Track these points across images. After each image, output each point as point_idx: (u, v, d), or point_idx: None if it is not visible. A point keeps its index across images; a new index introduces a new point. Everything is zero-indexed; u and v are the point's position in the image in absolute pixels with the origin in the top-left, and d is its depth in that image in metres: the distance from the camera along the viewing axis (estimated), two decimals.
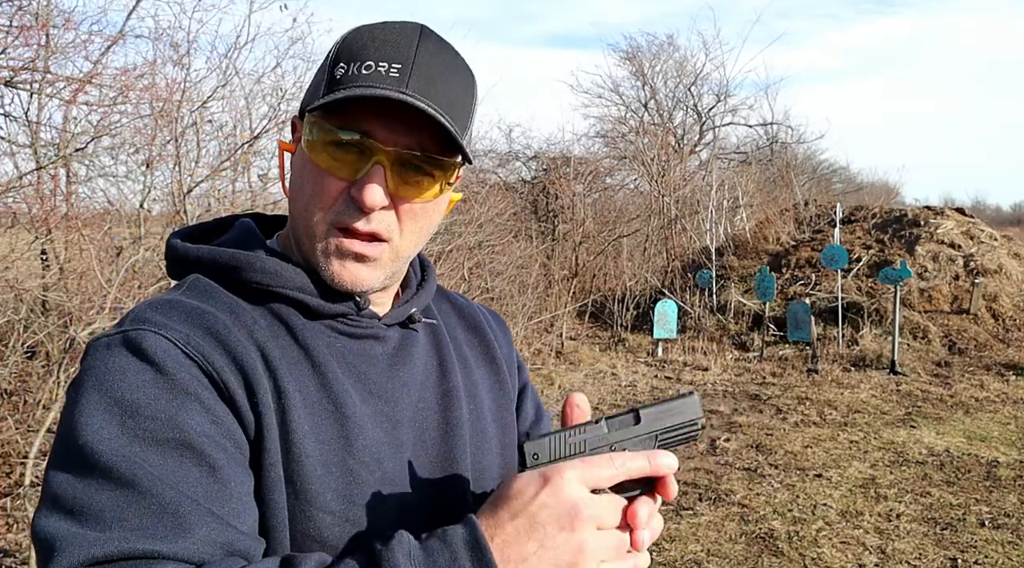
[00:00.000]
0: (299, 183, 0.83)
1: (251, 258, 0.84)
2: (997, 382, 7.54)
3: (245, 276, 0.83)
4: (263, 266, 0.83)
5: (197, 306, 0.79)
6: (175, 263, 0.89)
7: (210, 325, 0.77)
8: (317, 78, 0.83)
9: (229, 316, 0.80)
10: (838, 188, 20.29)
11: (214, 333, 0.76)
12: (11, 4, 4.91)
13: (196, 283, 0.83)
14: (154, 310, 0.77)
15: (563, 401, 0.84)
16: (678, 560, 3.77)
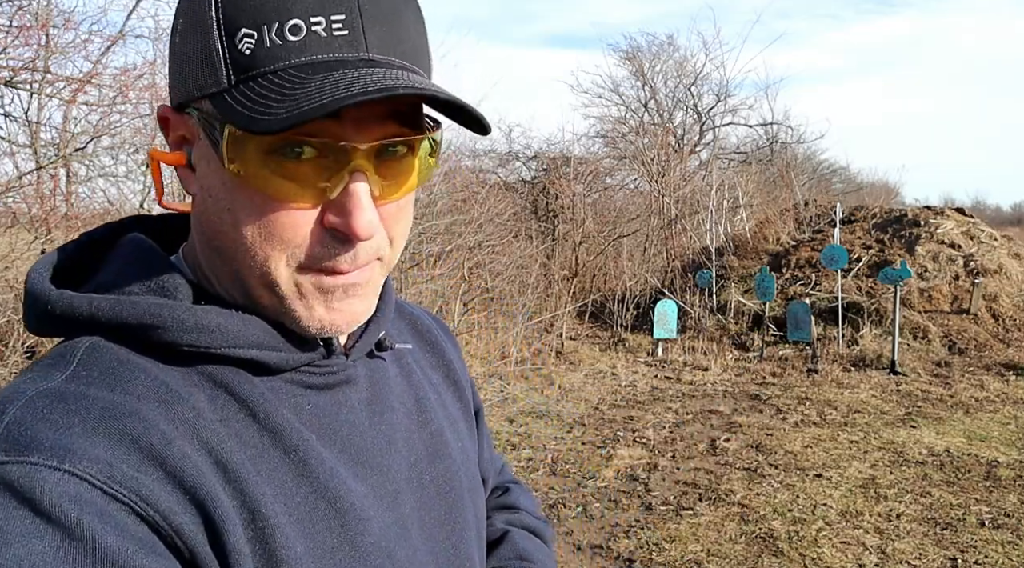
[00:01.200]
0: (230, 216, 0.55)
1: (178, 312, 0.55)
2: (997, 382, 7.54)
3: (170, 337, 0.55)
4: (198, 321, 0.56)
5: (111, 402, 0.50)
6: (50, 320, 0.57)
7: (138, 435, 0.49)
8: (200, 56, 0.53)
9: (160, 411, 0.52)
10: (838, 188, 20.29)
11: (146, 449, 0.49)
12: (11, 4, 4.91)
13: (95, 354, 0.54)
14: (43, 420, 0.48)
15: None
16: (678, 560, 3.77)
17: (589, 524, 4.22)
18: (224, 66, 0.52)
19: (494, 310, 8.55)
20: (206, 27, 0.52)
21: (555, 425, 6.09)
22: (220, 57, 0.52)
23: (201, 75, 0.53)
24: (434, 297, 7.49)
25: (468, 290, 7.83)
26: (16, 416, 0.48)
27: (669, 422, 6.24)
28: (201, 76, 0.53)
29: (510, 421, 6.14)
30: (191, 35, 0.54)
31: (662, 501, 4.53)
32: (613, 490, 4.72)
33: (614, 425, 6.15)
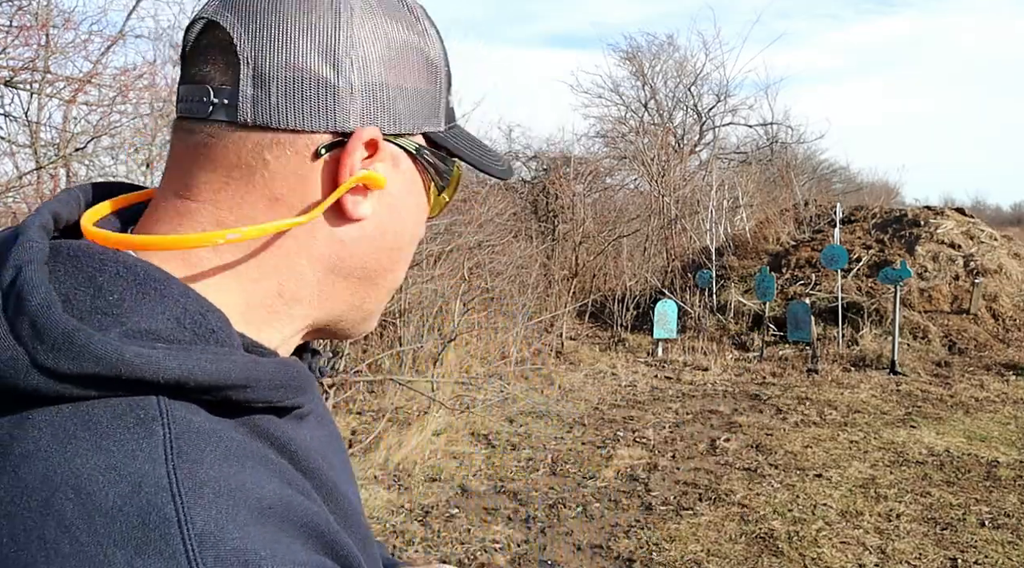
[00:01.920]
0: (393, 238, 0.59)
1: (254, 368, 0.50)
2: (997, 382, 7.54)
3: (252, 396, 0.49)
4: (274, 378, 0.51)
5: (271, 484, 0.47)
6: (97, 381, 0.44)
7: (311, 517, 0.47)
8: (427, 96, 0.58)
9: (284, 480, 0.49)
10: (838, 188, 20.28)
11: (321, 534, 0.47)
12: (11, 4, 4.92)
13: (184, 419, 0.46)
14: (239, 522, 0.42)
15: None
16: (678, 560, 3.77)
17: (589, 524, 4.22)
18: (443, 111, 0.59)
19: (494, 310, 8.55)
20: (437, 74, 0.58)
21: (555, 425, 6.09)
22: (442, 102, 0.59)
23: (424, 114, 0.58)
24: (434, 297, 7.49)
25: (468, 290, 7.83)
26: (199, 523, 0.41)
27: (669, 422, 6.24)
28: (424, 114, 0.58)
29: (510, 421, 6.14)
30: (423, 79, 0.57)
31: (662, 501, 4.53)
32: (613, 490, 4.72)
33: (614, 425, 6.15)
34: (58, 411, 0.45)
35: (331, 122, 0.53)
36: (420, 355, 7.19)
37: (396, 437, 5.21)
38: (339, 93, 0.53)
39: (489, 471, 5.01)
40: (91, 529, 0.40)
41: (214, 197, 0.53)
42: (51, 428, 0.44)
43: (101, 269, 0.49)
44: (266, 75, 0.52)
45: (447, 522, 4.20)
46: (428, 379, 6.63)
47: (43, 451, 0.43)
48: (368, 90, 0.54)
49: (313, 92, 0.52)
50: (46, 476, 0.42)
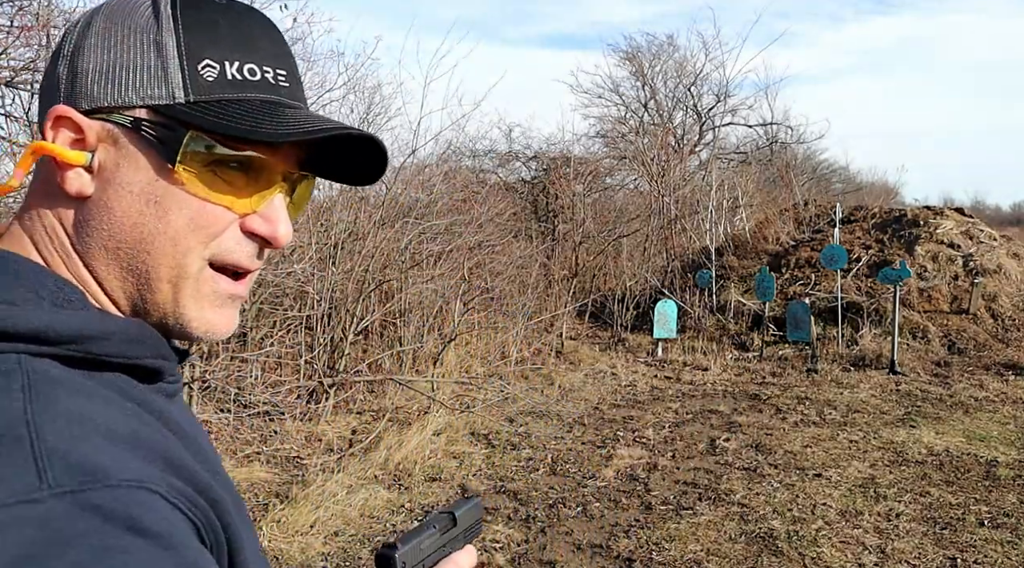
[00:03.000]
0: (156, 209, 0.60)
1: (108, 323, 0.58)
2: (996, 382, 7.55)
3: (94, 348, 0.56)
4: (126, 332, 0.59)
5: (114, 417, 0.53)
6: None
7: (154, 444, 0.53)
8: (144, 69, 0.60)
9: (138, 419, 0.56)
10: (838, 188, 20.30)
11: (171, 461, 0.53)
12: (12, 4, 4.92)
13: (41, 369, 0.53)
14: (80, 441, 0.48)
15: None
16: (678, 560, 3.78)
17: (589, 524, 4.23)
18: (182, 84, 0.60)
19: (494, 310, 8.55)
20: (160, 46, 0.60)
21: (555, 425, 6.10)
22: (178, 76, 0.60)
23: (144, 86, 0.60)
24: (434, 297, 7.50)
25: (468, 290, 7.83)
26: (50, 441, 0.48)
27: (669, 422, 6.25)
28: (144, 87, 0.60)
29: (510, 421, 6.15)
30: (130, 48, 0.61)
31: (662, 501, 4.54)
32: (613, 490, 4.73)
33: (614, 425, 6.15)
34: None
35: (48, 112, 0.61)
36: (420, 355, 7.20)
37: (396, 437, 5.22)
38: (56, 83, 0.62)
39: (489, 471, 5.02)
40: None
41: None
42: None
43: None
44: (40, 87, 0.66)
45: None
46: (428, 379, 6.64)
47: None
48: (70, 77, 0.61)
49: (45, 89, 0.63)
50: None
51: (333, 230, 6.45)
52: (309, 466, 4.82)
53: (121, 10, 0.62)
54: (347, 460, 4.93)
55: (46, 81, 0.63)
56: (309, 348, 6.11)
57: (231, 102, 0.60)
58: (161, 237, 0.60)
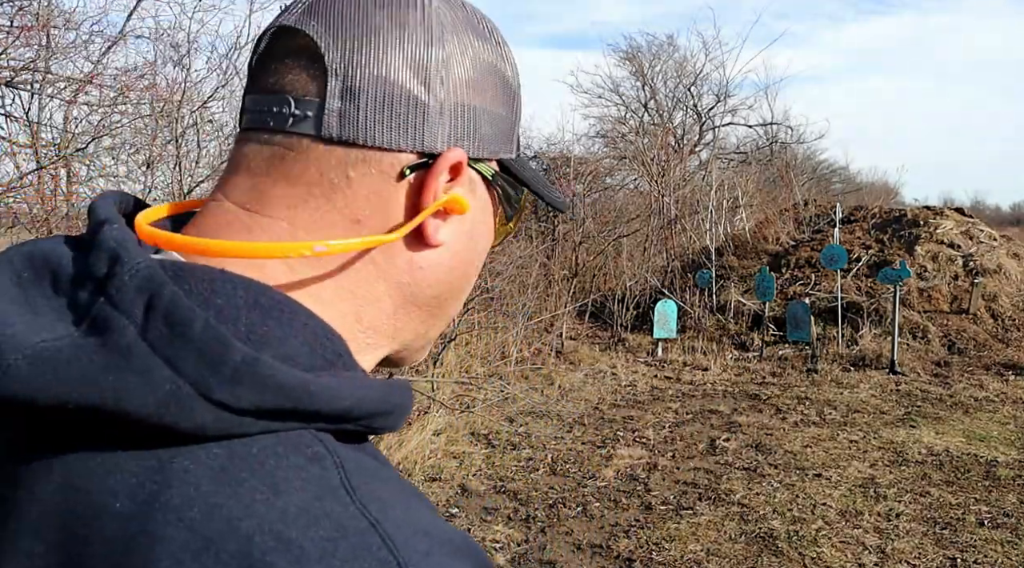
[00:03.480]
0: (466, 266, 0.57)
1: (394, 395, 0.49)
2: (996, 382, 7.55)
3: (376, 424, 0.48)
4: (404, 406, 0.50)
5: (438, 520, 0.46)
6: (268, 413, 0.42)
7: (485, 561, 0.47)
8: (505, 122, 0.56)
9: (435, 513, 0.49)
10: (838, 188, 20.31)
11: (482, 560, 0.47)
12: (12, 4, 4.93)
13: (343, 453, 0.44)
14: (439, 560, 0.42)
15: None
16: (678, 560, 3.78)
17: (589, 524, 4.23)
18: (516, 138, 0.58)
19: (494, 310, 8.56)
20: (514, 99, 0.57)
21: (555, 425, 6.10)
22: (516, 128, 0.57)
23: (500, 140, 0.56)
24: None
25: None
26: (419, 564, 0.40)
27: (669, 422, 6.25)
28: (499, 140, 0.56)
29: (510, 421, 6.15)
30: (502, 104, 0.56)
31: (662, 501, 4.54)
32: (613, 490, 4.73)
33: (614, 425, 6.16)
34: (206, 453, 0.41)
35: (419, 142, 0.50)
36: None
37: (396, 437, 5.22)
38: (429, 112, 0.50)
39: (489, 471, 5.02)
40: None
41: (290, 213, 0.49)
42: (207, 471, 0.40)
43: (213, 289, 0.44)
44: (355, 88, 0.49)
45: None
46: (428, 379, 6.64)
47: (212, 497, 0.39)
48: (456, 111, 0.52)
49: (404, 109, 0.50)
50: (230, 524, 0.38)
51: None
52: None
53: (479, 36, 0.54)
54: None
55: (391, 92, 0.50)
56: None
57: (522, 157, 0.59)
58: (470, 283, 0.58)
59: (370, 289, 0.52)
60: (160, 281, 0.42)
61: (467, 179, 0.54)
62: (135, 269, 0.42)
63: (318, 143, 0.49)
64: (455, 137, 0.52)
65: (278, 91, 0.50)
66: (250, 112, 0.52)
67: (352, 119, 0.49)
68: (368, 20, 0.50)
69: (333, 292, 0.50)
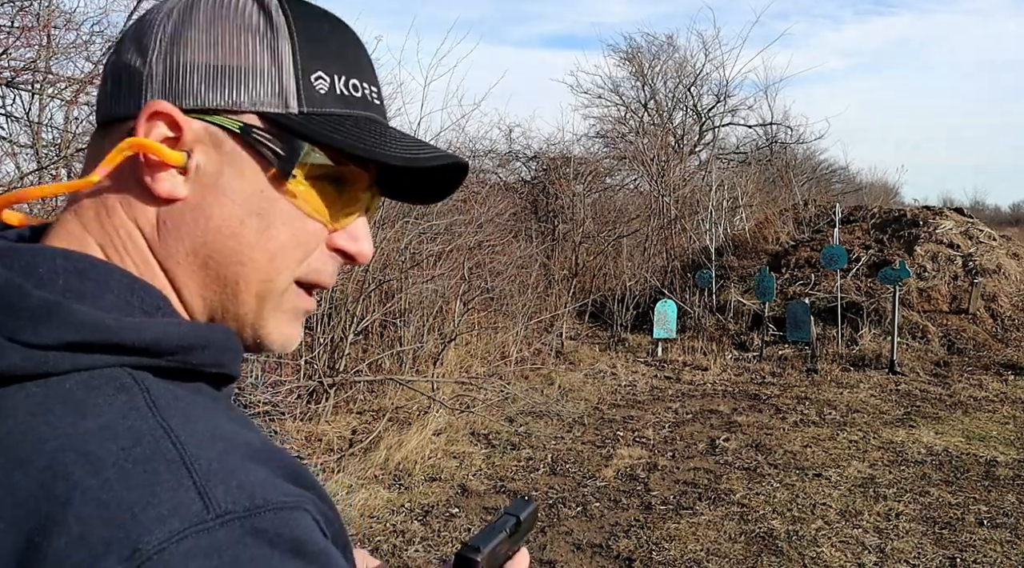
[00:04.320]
0: (257, 221, 0.57)
1: (207, 332, 0.55)
2: (996, 382, 7.56)
3: (193, 359, 0.53)
4: (224, 342, 0.56)
5: (243, 431, 0.52)
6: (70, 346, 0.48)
7: (284, 459, 0.52)
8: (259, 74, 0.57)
9: (252, 431, 0.55)
10: (837, 188, 20.29)
11: (292, 471, 0.51)
12: (13, 5, 4.93)
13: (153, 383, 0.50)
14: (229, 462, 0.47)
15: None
16: (678, 559, 3.78)
17: (589, 524, 4.23)
18: (296, 94, 0.58)
19: (494, 310, 8.56)
20: (275, 52, 0.57)
21: (555, 425, 6.10)
22: (292, 85, 0.58)
23: (257, 92, 0.57)
24: (434, 297, 7.51)
25: (468, 290, 7.84)
26: (203, 463, 0.46)
27: (669, 422, 6.25)
28: (257, 94, 0.57)
29: (510, 421, 6.16)
30: (242, 48, 0.57)
31: (662, 501, 4.54)
32: (613, 490, 4.73)
33: (614, 425, 6.16)
34: (23, 391, 0.48)
35: (137, 106, 0.56)
36: (420, 355, 7.20)
37: (396, 437, 5.22)
38: (143, 78, 0.56)
39: (489, 471, 5.03)
40: (103, 481, 0.43)
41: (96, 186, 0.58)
42: (24, 406, 0.47)
43: (34, 262, 0.52)
44: (106, 76, 0.59)
45: (447, 522, 4.22)
46: (428, 379, 6.64)
47: (23, 426, 0.46)
48: (169, 72, 0.56)
49: (126, 81, 0.57)
50: (37, 446, 0.45)
51: None
52: (309, 466, 4.83)
53: (224, 6, 0.57)
54: (347, 460, 4.93)
55: (120, 70, 0.57)
56: (309, 348, 6.11)
57: (341, 117, 0.59)
58: (260, 251, 0.58)
59: (137, 253, 0.57)
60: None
61: (204, 134, 0.56)
62: None
63: (102, 127, 0.59)
64: (170, 94, 0.56)
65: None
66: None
67: (103, 102, 0.59)
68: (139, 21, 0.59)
69: (115, 254, 0.57)
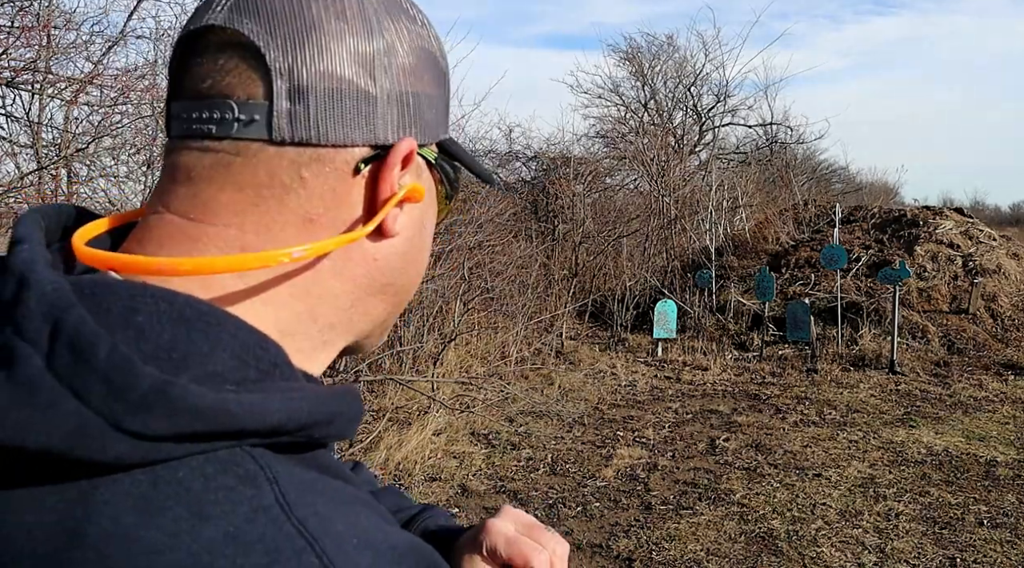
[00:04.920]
0: (418, 251, 0.56)
1: (333, 404, 0.46)
2: (996, 382, 7.56)
3: (316, 433, 0.45)
4: (350, 413, 0.48)
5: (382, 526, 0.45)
6: (182, 436, 0.39)
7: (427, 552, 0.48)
8: (441, 105, 0.55)
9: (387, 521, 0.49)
10: (837, 188, 20.31)
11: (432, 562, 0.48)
12: (13, 5, 4.93)
13: (280, 468, 0.42)
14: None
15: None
16: (678, 559, 3.78)
17: (589, 524, 4.23)
18: (447, 118, 0.56)
19: (494, 310, 8.56)
20: (445, 78, 0.55)
21: (555, 425, 6.10)
22: (449, 108, 0.56)
23: (439, 122, 0.55)
24: (434, 297, 7.51)
25: (468, 290, 7.84)
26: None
27: (669, 422, 6.26)
28: (439, 123, 0.55)
29: (510, 421, 6.16)
30: (437, 85, 0.54)
31: (662, 501, 4.55)
32: (613, 490, 4.73)
33: (614, 425, 6.16)
34: (131, 481, 0.39)
35: (370, 134, 0.50)
36: (420, 355, 7.20)
37: (396, 437, 5.23)
38: (377, 103, 0.50)
39: (489, 471, 5.03)
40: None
41: (238, 219, 0.48)
42: (128, 501, 0.38)
43: (133, 307, 0.41)
44: (303, 87, 0.47)
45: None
46: (428, 379, 6.64)
47: (127, 529, 0.37)
48: (400, 99, 0.51)
49: (352, 103, 0.49)
50: (150, 559, 0.37)
51: None
52: None
53: (411, 20, 0.53)
54: (347, 460, 4.93)
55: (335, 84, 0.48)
56: None
57: (453, 138, 0.59)
58: (423, 267, 0.57)
59: (326, 286, 0.50)
60: (66, 304, 0.39)
61: (415, 166, 0.53)
62: (42, 292, 0.39)
63: (267, 146, 0.47)
64: (403, 126, 0.51)
65: (215, 95, 0.48)
66: (183, 120, 0.49)
67: (302, 119, 0.47)
68: (305, 14, 0.48)
69: (288, 293, 0.49)
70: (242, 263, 0.46)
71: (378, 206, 0.50)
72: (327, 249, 0.49)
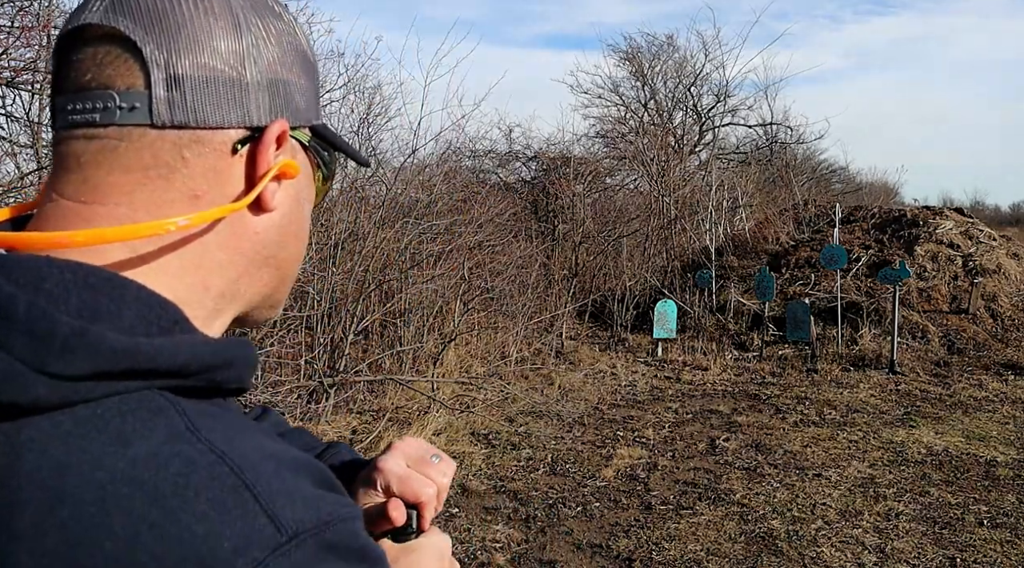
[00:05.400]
0: (299, 230, 0.62)
1: (232, 349, 0.52)
2: (996, 382, 7.56)
3: (218, 376, 0.51)
4: (246, 358, 0.54)
5: (280, 444, 0.51)
6: (100, 374, 0.45)
7: (326, 474, 0.52)
8: (311, 91, 0.61)
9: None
10: (837, 188, 20.29)
11: (329, 478, 0.52)
12: (13, 5, 4.93)
13: (185, 404, 0.48)
14: (284, 480, 0.47)
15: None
16: (678, 559, 3.78)
17: (589, 524, 4.23)
18: (317, 106, 0.62)
19: (494, 310, 8.56)
20: (313, 69, 0.62)
21: (555, 425, 6.10)
22: (319, 97, 0.63)
23: (310, 108, 0.61)
24: (434, 297, 7.50)
25: (468, 290, 7.84)
26: (261, 484, 0.45)
27: (669, 422, 6.25)
28: (309, 109, 0.61)
29: (510, 421, 6.16)
30: (306, 75, 0.61)
31: (662, 501, 4.55)
32: (613, 490, 4.73)
33: (614, 425, 6.16)
34: (48, 421, 0.44)
35: (244, 118, 0.55)
36: (420, 355, 7.20)
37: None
38: (248, 89, 0.55)
39: (489, 471, 5.03)
40: (167, 512, 0.42)
41: (128, 199, 0.52)
42: (54, 436, 0.43)
43: (40, 275, 0.46)
44: (178, 76, 0.52)
45: (447, 522, 4.22)
46: (428, 379, 6.64)
47: (58, 459, 0.42)
48: (270, 86, 0.56)
49: (225, 90, 0.54)
50: (81, 479, 0.42)
51: (333, 230, 6.46)
52: None
53: (275, 16, 0.58)
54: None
55: (207, 73, 0.53)
56: (309, 348, 6.11)
57: (326, 125, 0.64)
58: (296, 258, 0.62)
59: (214, 257, 0.55)
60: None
61: (289, 147, 0.58)
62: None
63: (150, 130, 0.52)
64: (275, 110, 0.57)
65: (97, 87, 0.52)
66: (67, 111, 0.53)
67: (180, 105, 0.52)
68: (176, 11, 0.52)
69: (178, 264, 0.53)
70: (133, 232, 0.50)
71: (256, 181, 0.56)
72: (210, 218, 0.54)
